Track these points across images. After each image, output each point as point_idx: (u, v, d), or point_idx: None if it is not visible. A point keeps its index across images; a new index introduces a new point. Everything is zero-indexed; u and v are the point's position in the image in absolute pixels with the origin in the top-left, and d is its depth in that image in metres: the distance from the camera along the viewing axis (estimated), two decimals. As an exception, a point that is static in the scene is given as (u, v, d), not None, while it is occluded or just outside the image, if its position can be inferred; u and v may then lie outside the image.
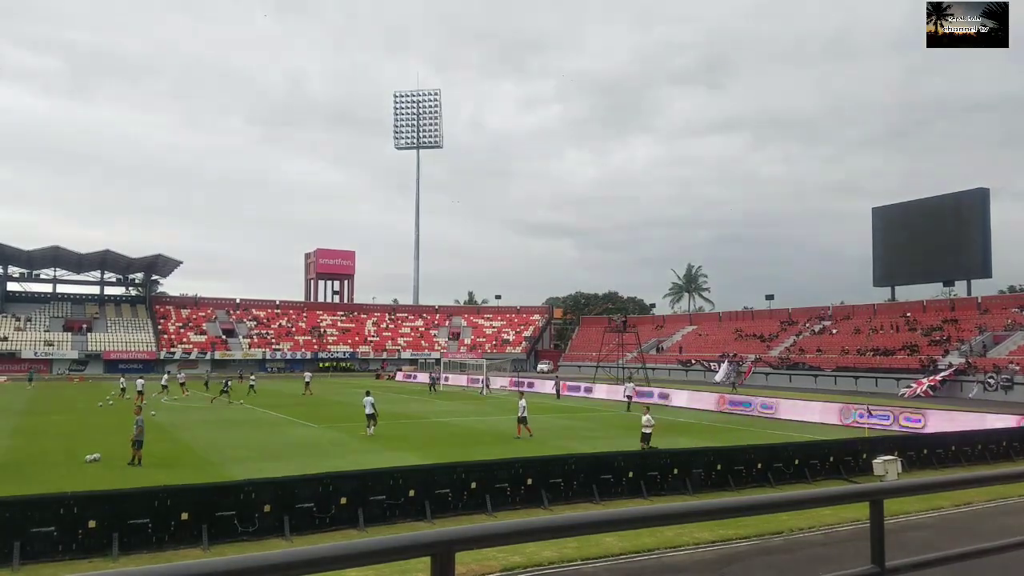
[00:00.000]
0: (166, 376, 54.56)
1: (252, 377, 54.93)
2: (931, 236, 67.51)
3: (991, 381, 49.19)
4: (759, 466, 18.95)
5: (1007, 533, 3.69)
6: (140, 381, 45.69)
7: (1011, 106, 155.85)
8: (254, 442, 26.39)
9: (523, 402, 28.25)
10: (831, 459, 20.10)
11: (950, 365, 53.47)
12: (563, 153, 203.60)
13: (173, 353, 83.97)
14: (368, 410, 27.83)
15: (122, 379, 51.36)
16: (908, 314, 67.04)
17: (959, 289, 68.23)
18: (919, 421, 30.07)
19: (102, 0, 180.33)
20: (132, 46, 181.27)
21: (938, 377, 51.21)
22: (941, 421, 29.29)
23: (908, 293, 72.57)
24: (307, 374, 57.11)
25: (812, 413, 35.13)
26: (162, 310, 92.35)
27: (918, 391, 50.33)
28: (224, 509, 13.23)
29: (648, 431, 23.31)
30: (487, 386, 57.33)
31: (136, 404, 28.97)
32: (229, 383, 47.11)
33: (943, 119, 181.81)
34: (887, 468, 18.99)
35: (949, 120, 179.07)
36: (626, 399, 41.11)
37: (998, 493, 16.05)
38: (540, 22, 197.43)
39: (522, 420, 27.56)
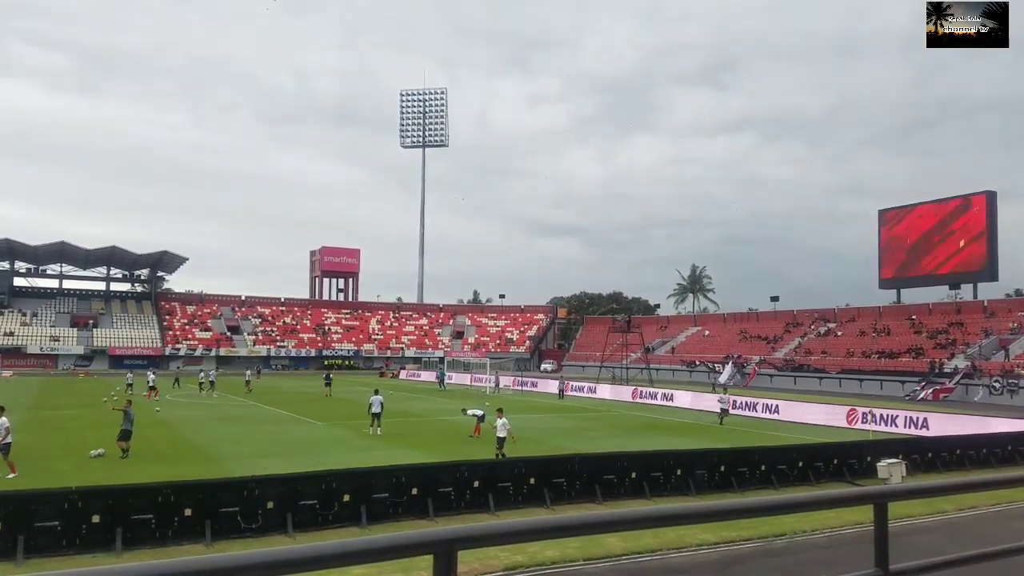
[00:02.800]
0: (202, 374, 53.19)
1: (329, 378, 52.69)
2: (938, 238, 67.34)
3: (996, 385, 49.01)
4: (763, 468, 18.91)
5: (1011, 537, 3.68)
6: (151, 376, 45.81)
7: (1019, 108, 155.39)
8: (258, 439, 26.44)
9: (503, 420, 27.90)
10: (835, 461, 20.06)
11: (955, 369, 53.28)
12: (568, 152, 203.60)
13: (178, 349, 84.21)
14: (375, 408, 27.80)
15: (129, 374, 51.29)
16: (914, 317, 66.85)
17: (965, 292, 68.04)
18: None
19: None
20: (140, 44, 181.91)
21: (950, 384, 50.84)
22: (946, 424, 29.21)
23: (914, 296, 72.48)
24: (248, 372, 55.92)
25: (816, 415, 35.05)
26: (167, 306, 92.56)
27: (921, 395, 50.22)
28: (227, 505, 13.26)
29: (503, 435, 21.42)
30: (497, 385, 57.37)
31: (127, 398, 29.00)
32: (330, 376, 50.18)
33: (950, 120, 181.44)
34: (891, 471, 18.92)
35: (956, 121, 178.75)
36: (720, 412, 34.76)
37: (1003, 497, 15.99)
38: (547, 21, 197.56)
39: (480, 419, 27.30)
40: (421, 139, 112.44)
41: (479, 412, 27.89)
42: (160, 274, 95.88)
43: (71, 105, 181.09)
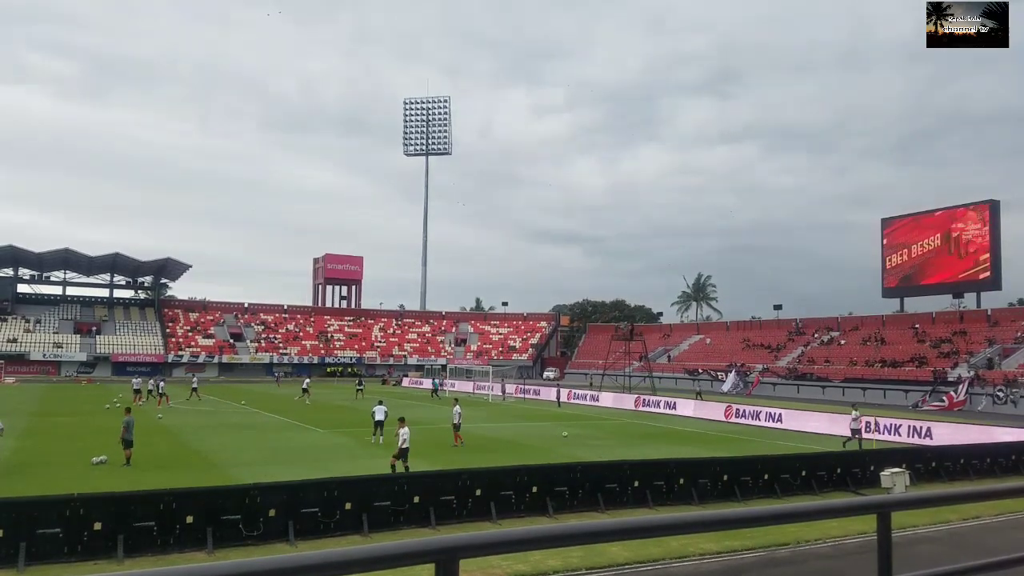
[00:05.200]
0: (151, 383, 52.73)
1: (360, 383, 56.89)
2: (941, 248, 67.32)
3: (1000, 394, 48.87)
4: (766, 477, 18.86)
5: (1015, 547, 3.67)
6: (162, 383, 45.92)
7: (1022, 119, 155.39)
8: (259, 446, 26.44)
9: (458, 408, 27.76)
10: (838, 471, 19.99)
11: (959, 378, 53.10)
12: (572, 161, 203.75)
13: (181, 356, 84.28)
14: (379, 416, 27.81)
15: (152, 381, 50.31)
16: (917, 326, 66.73)
17: (968, 301, 67.90)
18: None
19: (118, 4, 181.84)
20: (147, 51, 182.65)
21: (960, 397, 50.48)
22: (950, 434, 29.11)
23: (917, 305, 72.29)
24: (194, 377, 54.81)
25: (820, 424, 34.95)
26: (170, 313, 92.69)
27: (925, 407, 50.06)
28: (229, 513, 13.24)
29: (406, 446, 20.14)
30: (503, 393, 57.36)
31: (128, 405, 28.96)
32: (363, 382, 55.34)
33: (953, 130, 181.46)
34: (895, 480, 18.86)
35: (959, 131, 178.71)
36: (856, 437, 27.60)
37: (1006, 507, 15.92)
38: (552, 31, 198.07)
39: (456, 427, 27.19)
40: (424, 147, 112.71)
41: (459, 410, 27.73)
42: (163, 281, 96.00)
43: (77, 111, 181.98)
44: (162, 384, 45.94)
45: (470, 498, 15.51)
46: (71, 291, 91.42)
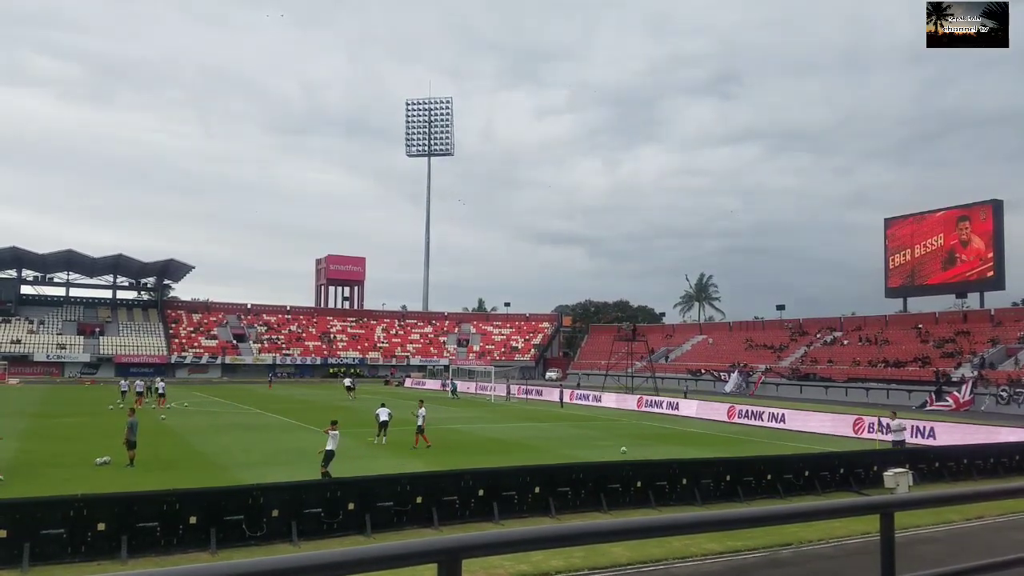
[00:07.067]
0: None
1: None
2: (944, 247, 67.23)
3: (1003, 394, 48.76)
4: (768, 477, 18.83)
5: (1018, 548, 3.67)
6: (161, 384, 45.95)
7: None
8: (262, 446, 26.46)
9: (422, 411, 26.93)
10: (841, 471, 19.95)
11: (963, 378, 53.00)
12: (574, 162, 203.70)
13: (184, 357, 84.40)
14: (383, 418, 27.79)
15: (137, 382, 50.28)
16: (920, 326, 66.61)
17: (972, 301, 67.77)
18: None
19: (121, 9, 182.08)
20: (150, 54, 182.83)
21: (965, 398, 50.27)
22: (953, 434, 29.06)
23: (920, 305, 72.16)
24: (159, 381, 49.71)
25: (823, 424, 34.90)
26: (173, 315, 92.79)
27: (928, 407, 49.95)
28: (232, 513, 13.26)
29: (332, 448, 19.46)
30: (507, 393, 57.41)
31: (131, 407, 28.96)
32: (355, 383, 55.67)
33: (956, 131, 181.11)
34: (898, 481, 18.84)
35: (962, 132, 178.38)
36: (894, 445, 24.53)
37: (1009, 508, 15.87)
38: (554, 33, 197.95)
39: (419, 430, 26.50)
40: (427, 148, 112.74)
41: (423, 412, 27.11)
42: (166, 282, 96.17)
43: (81, 114, 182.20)
44: (162, 386, 45.96)
45: (473, 498, 15.51)
46: (74, 292, 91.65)
